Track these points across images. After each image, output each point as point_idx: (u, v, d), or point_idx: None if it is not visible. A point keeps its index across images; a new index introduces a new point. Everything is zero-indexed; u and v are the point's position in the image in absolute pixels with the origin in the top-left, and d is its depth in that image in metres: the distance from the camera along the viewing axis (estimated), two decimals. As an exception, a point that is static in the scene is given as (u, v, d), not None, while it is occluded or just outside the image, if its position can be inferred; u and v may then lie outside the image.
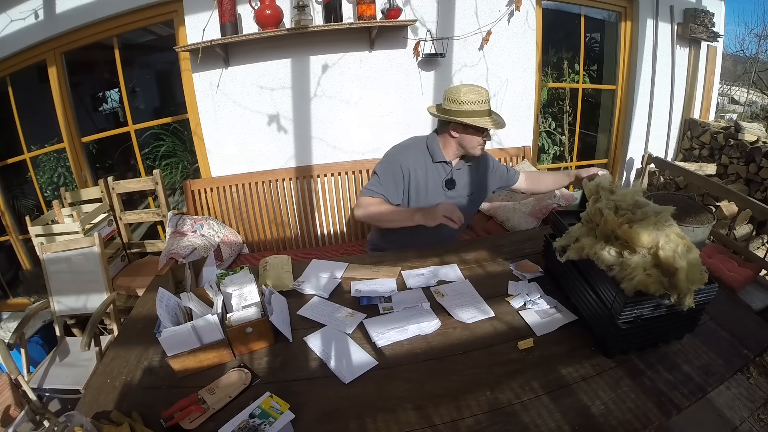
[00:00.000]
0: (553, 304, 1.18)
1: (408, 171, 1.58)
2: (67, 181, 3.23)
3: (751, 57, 6.52)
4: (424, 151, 1.62)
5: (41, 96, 2.69)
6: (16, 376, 1.51)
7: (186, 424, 0.86)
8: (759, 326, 1.09)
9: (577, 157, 3.43)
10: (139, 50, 4.17)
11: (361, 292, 1.29)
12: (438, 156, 1.60)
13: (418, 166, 1.59)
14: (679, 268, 0.89)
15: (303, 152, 2.59)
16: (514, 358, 1.01)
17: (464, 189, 1.68)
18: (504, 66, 2.64)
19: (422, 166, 1.60)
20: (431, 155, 1.61)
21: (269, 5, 2.14)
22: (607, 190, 1.12)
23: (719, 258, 2.16)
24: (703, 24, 3.02)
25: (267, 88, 2.43)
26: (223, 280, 1.19)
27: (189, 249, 2.05)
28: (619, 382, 0.92)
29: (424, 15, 2.43)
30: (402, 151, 1.62)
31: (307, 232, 2.61)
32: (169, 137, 3.54)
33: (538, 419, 0.84)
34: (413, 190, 1.60)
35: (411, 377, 0.97)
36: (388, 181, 1.57)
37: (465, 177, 1.67)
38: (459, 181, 1.65)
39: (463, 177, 1.67)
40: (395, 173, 1.57)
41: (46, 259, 1.87)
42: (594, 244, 1.06)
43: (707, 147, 3.13)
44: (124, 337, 1.18)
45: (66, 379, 1.69)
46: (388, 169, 1.58)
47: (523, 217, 2.28)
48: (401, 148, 1.65)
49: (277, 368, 1.02)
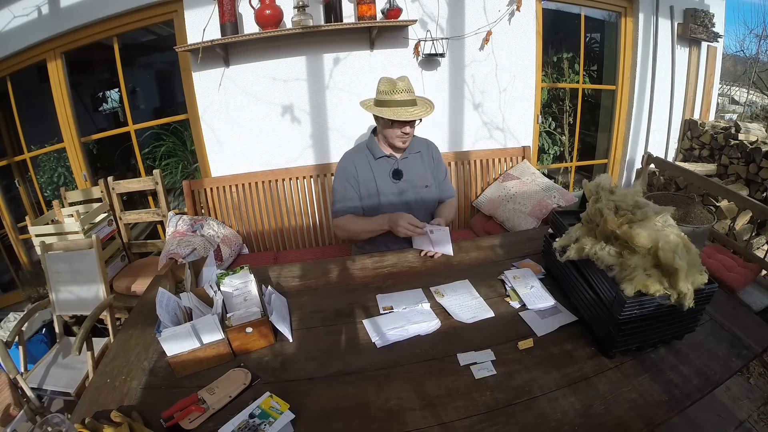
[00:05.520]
0: (553, 304, 1.19)
1: (355, 172, 1.66)
2: (67, 181, 3.23)
3: (751, 57, 6.51)
4: (365, 151, 1.70)
5: (41, 96, 2.69)
6: (14, 375, 1.51)
7: (186, 424, 0.86)
8: (759, 326, 1.09)
9: (577, 157, 3.44)
10: (139, 50, 4.17)
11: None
12: (377, 152, 1.67)
13: (362, 166, 1.67)
14: (679, 268, 0.89)
15: (302, 153, 2.59)
16: (514, 358, 1.01)
17: (417, 179, 1.70)
18: (504, 66, 2.64)
19: (365, 164, 1.67)
20: (372, 152, 1.68)
21: (269, 5, 2.14)
22: (607, 191, 1.12)
23: (719, 258, 2.16)
24: (703, 24, 3.02)
25: (268, 88, 2.44)
26: (223, 280, 1.19)
27: (189, 249, 2.05)
28: (619, 383, 0.92)
29: (425, 15, 2.43)
30: (347, 157, 1.71)
31: (307, 232, 2.62)
32: (169, 137, 3.54)
33: (538, 419, 0.84)
34: (363, 188, 1.67)
35: (411, 377, 0.97)
36: (346, 188, 1.66)
37: (414, 166, 1.71)
38: (408, 171, 1.69)
39: (412, 166, 1.70)
40: (348, 178, 1.66)
41: (47, 259, 1.87)
42: (594, 244, 1.06)
43: (707, 147, 3.13)
44: (124, 337, 1.18)
45: (60, 381, 1.69)
46: (341, 178, 1.68)
47: (523, 217, 2.28)
48: (346, 154, 1.73)
49: (277, 368, 1.02)
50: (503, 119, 2.75)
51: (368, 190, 1.67)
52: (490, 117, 2.73)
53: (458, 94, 2.63)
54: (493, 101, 2.70)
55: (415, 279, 1.37)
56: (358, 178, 1.66)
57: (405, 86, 1.54)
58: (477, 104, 2.68)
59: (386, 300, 1.26)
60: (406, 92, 1.54)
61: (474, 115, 2.70)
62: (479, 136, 2.75)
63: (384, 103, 1.55)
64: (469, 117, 2.70)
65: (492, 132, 2.76)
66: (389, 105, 1.54)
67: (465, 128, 2.71)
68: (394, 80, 1.56)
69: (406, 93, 1.54)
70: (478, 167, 2.67)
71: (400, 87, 1.54)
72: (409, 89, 1.56)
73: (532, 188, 2.40)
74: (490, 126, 2.75)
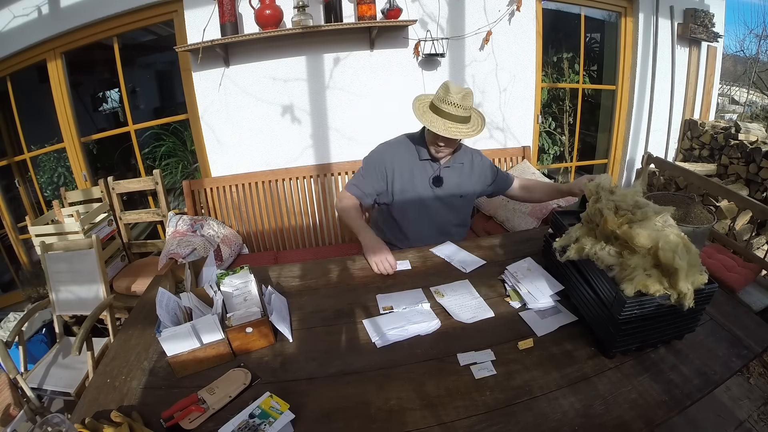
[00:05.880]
0: (553, 304, 1.19)
1: (392, 167, 1.60)
2: (67, 181, 3.23)
3: (751, 57, 6.51)
4: (411, 148, 1.63)
5: (41, 96, 2.69)
6: (14, 375, 1.51)
7: (186, 424, 0.86)
8: (759, 326, 1.09)
9: (577, 157, 3.44)
10: (139, 50, 4.18)
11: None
12: (423, 153, 1.62)
13: (404, 163, 1.61)
14: (679, 268, 0.89)
15: (302, 153, 2.59)
16: (514, 358, 1.01)
17: (455, 188, 1.66)
18: (504, 66, 2.64)
19: (407, 163, 1.62)
20: (417, 152, 1.62)
21: (269, 5, 2.14)
22: (607, 191, 1.12)
23: (719, 258, 2.16)
24: (703, 24, 3.02)
25: (268, 88, 2.44)
26: (223, 280, 1.19)
27: (189, 249, 2.05)
28: (619, 382, 0.92)
29: (425, 15, 2.43)
30: (388, 148, 1.65)
31: (307, 232, 2.62)
32: (169, 137, 3.54)
33: (538, 419, 0.84)
34: (398, 185, 1.61)
35: (411, 377, 0.97)
36: (370, 174, 1.61)
37: (455, 176, 1.67)
38: (448, 179, 1.65)
39: (453, 175, 1.66)
40: (378, 168, 1.61)
41: (47, 259, 1.87)
42: (594, 244, 1.06)
43: (707, 147, 3.13)
44: (124, 337, 1.18)
45: (60, 381, 1.69)
46: (372, 163, 1.63)
47: (523, 217, 2.28)
48: (389, 144, 1.67)
49: (277, 368, 1.02)
50: (503, 119, 2.76)
51: (402, 187, 1.61)
52: (491, 117, 2.73)
53: (458, 94, 2.63)
54: (493, 101, 2.70)
55: (415, 279, 1.37)
56: (393, 172, 1.59)
57: (458, 99, 1.43)
58: (477, 104, 2.68)
59: (386, 300, 1.26)
60: (455, 106, 1.43)
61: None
62: (479, 136, 2.73)
63: (434, 109, 1.47)
64: (469, 117, 2.70)
65: (492, 132, 2.76)
66: (437, 113, 1.46)
67: (465, 128, 2.71)
68: (451, 89, 1.45)
69: (456, 107, 1.43)
70: (478, 167, 2.66)
71: (453, 99, 1.43)
72: (464, 104, 1.44)
73: (532, 188, 2.40)
74: (491, 126, 2.75)
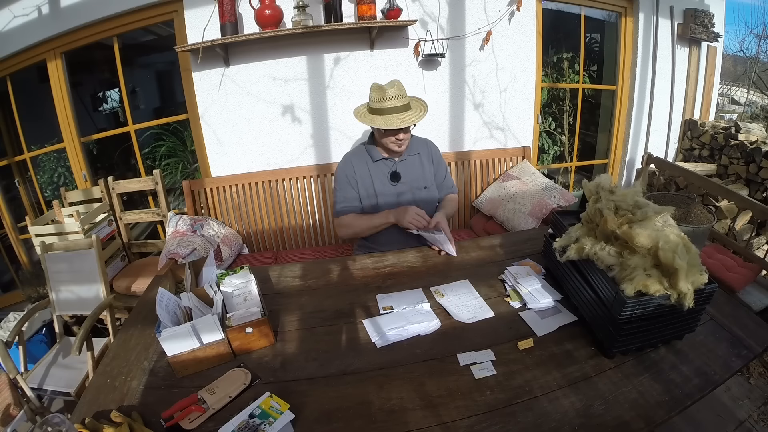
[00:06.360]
0: (554, 305, 1.19)
1: (354, 176, 1.67)
2: (67, 181, 3.23)
3: (751, 57, 6.51)
4: (364, 153, 1.71)
5: (41, 96, 2.69)
6: (14, 375, 1.51)
7: (186, 424, 0.86)
8: (759, 326, 1.09)
9: (577, 157, 3.44)
10: (139, 50, 4.17)
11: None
12: (375, 155, 1.68)
13: (362, 169, 1.68)
14: (679, 268, 0.89)
15: (302, 153, 2.59)
16: (514, 358, 1.01)
17: (415, 181, 1.70)
18: (504, 66, 2.64)
19: (364, 167, 1.68)
20: (370, 155, 1.69)
21: (269, 5, 2.14)
22: (607, 191, 1.12)
23: (719, 258, 2.16)
24: (703, 24, 3.02)
25: (268, 88, 2.43)
26: (223, 280, 1.19)
27: (189, 249, 2.05)
28: (619, 383, 0.92)
29: (425, 15, 2.43)
30: (345, 160, 1.72)
31: (307, 232, 2.61)
32: (169, 137, 3.54)
33: (538, 419, 0.84)
34: (362, 191, 1.68)
35: (411, 377, 0.97)
36: (346, 189, 1.67)
37: (413, 168, 1.71)
38: (406, 173, 1.69)
39: (410, 168, 1.70)
40: (348, 177, 1.67)
41: (47, 259, 1.87)
42: (594, 244, 1.06)
43: (707, 147, 3.13)
44: (124, 337, 1.18)
45: (60, 381, 1.69)
46: (341, 180, 1.69)
47: (522, 217, 2.28)
48: (345, 157, 1.74)
49: (277, 368, 1.02)
50: (503, 119, 2.76)
51: (366, 192, 1.67)
52: (491, 117, 2.73)
53: (458, 94, 2.63)
54: (493, 101, 2.70)
55: (415, 279, 1.38)
56: (356, 180, 1.67)
57: (396, 92, 1.52)
58: (477, 104, 2.68)
59: (386, 300, 1.26)
60: (396, 98, 1.51)
61: (474, 115, 2.70)
62: (479, 136, 2.75)
63: (376, 111, 1.55)
64: (470, 117, 2.70)
65: (492, 132, 2.76)
66: (381, 113, 1.53)
67: (465, 128, 2.71)
68: (384, 87, 1.54)
69: (397, 99, 1.52)
70: (479, 167, 2.67)
71: (391, 94, 1.51)
72: (401, 94, 1.53)
73: (532, 188, 2.40)
74: (491, 126, 2.75)
